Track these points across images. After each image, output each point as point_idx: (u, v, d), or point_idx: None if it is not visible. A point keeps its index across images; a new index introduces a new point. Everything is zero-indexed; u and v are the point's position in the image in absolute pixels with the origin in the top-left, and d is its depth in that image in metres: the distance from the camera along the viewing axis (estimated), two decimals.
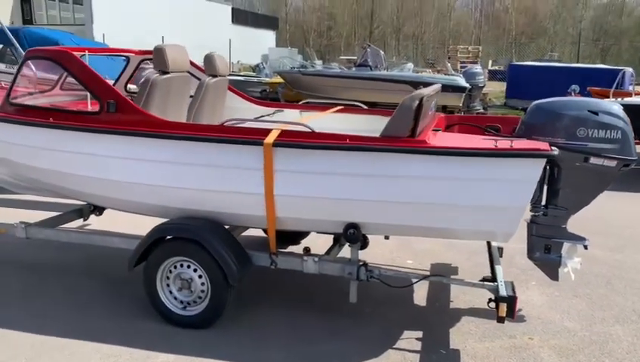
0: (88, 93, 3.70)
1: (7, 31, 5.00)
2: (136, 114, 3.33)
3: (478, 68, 14.15)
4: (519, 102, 14.49)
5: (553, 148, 2.85)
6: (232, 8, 40.80)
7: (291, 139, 3.04)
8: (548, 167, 3.17)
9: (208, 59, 4.33)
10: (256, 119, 4.36)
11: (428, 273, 3.67)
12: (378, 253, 4.64)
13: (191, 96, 4.17)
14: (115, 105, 3.32)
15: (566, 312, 3.71)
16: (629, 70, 12.68)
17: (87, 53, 3.95)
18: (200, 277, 3.30)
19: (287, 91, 14.07)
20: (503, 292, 3.00)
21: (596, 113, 3.06)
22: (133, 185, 3.41)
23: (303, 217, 3.23)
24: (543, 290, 4.03)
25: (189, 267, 3.32)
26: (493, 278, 3.21)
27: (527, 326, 3.49)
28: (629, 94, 10.17)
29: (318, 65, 18.59)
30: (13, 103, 3.69)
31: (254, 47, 35.02)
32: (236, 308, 3.51)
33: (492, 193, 2.86)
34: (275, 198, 3.14)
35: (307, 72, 13.65)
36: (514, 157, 2.78)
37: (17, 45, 5.03)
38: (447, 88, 12.42)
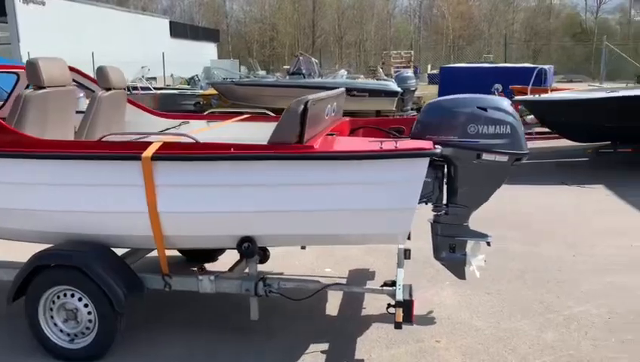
0: None
1: None
2: (6, 133, 3.05)
3: (409, 72, 14.43)
4: None
5: (437, 146, 2.81)
6: (170, 22, 40.15)
7: (171, 152, 2.86)
8: (446, 166, 3.16)
9: (100, 71, 4.09)
10: (161, 132, 4.15)
11: (338, 281, 3.55)
12: (297, 264, 4.51)
13: (82, 112, 3.92)
14: None
15: (476, 311, 3.68)
16: (546, 67, 13.23)
17: None
18: (86, 306, 3.05)
19: (222, 103, 13.82)
20: (399, 296, 2.92)
21: (485, 109, 3.08)
22: (7, 211, 3.13)
23: (192, 234, 3.06)
24: (456, 290, 3.99)
25: (72, 296, 3.06)
26: (394, 282, 3.13)
27: (436, 329, 3.43)
28: (546, 90, 10.58)
29: (261, 75, 18.45)
30: None
31: (196, 60, 34.47)
32: (133, 335, 3.28)
33: (379, 195, 2.77)
34: (160, 216, 2.94)
35: (240, 83, 13.50)
36: (397, 158, 2.70)
37: None
38: (379, 93, 12.60)
